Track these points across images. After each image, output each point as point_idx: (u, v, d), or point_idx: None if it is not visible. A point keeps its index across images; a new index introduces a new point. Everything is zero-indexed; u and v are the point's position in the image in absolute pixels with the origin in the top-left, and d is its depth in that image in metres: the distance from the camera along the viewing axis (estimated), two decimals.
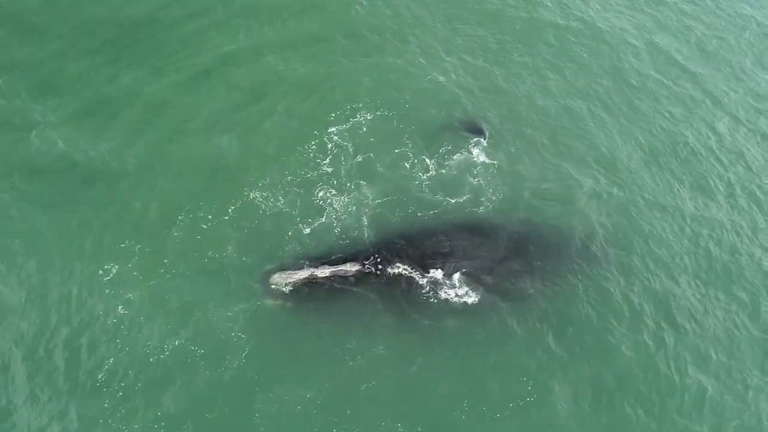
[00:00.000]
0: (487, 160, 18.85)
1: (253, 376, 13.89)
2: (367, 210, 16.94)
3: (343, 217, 16.67)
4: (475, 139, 19.35)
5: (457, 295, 15.62)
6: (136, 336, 14.14)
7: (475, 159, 18.84)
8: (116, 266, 14.99)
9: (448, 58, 21.64)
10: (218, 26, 21.11)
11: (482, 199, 17.82)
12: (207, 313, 14.61)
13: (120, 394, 13.30)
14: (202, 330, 14.37)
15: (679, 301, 16.60)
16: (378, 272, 15.44)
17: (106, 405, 13.04)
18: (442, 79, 20.86)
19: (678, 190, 19.19)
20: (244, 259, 15.48)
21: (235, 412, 13.42)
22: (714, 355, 15.71)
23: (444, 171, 18.31)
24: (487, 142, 19.36)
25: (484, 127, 19.80)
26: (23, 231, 15.48)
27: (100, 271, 14.89)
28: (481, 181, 18.25)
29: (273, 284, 14.82)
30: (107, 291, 14.69)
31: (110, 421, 12.90)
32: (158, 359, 13.83)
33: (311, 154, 17.89)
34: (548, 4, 24.22)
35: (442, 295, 15.58)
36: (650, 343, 15.63)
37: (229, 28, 21.09)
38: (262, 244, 15.86)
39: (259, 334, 14.43)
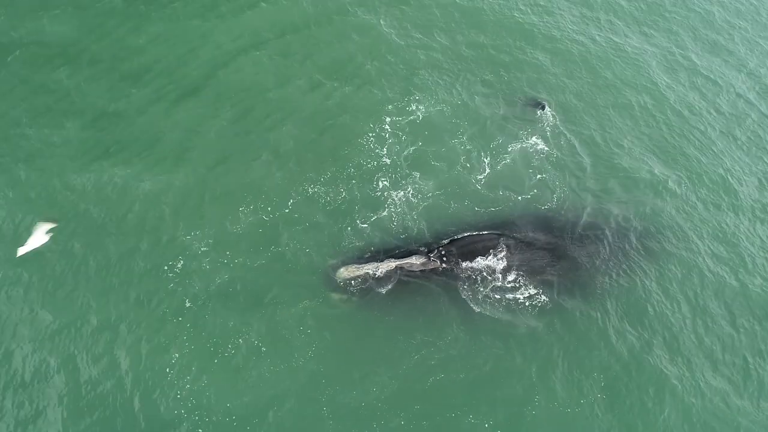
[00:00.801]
0: (545, 148, 18.56)
1: (320, 370, 13.80)
2: (426, 203, 16.70)
3: (403, 210, 16.46)
4: (531, 127, 19.08)
5: (522, 293, 15.33)
6: (201, 333, 14.10)
7: (532, 149, 18.50)
8: (182, 261, 15.05)
9: (490, 60, 21.34)
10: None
11: (543, 193, 17.50)
12: (271, 308, 14.53)
13: (188, 386, 13.31)
14: (268, 325, 14.30)
15: (747, 301, 16.13)
16: (443, 265, 15.22)
17: (177, 396, 13.11)
18: (489, 77, 20.66)
19: (742, 189, 18.63)
20: (307, 251, 15.38)
21: (302, 406, 13.34)
22: None
23: (502, 162, 18.00)
24: (549, 113, 19.45)
25: (544, 100, 19.79)
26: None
27: (165, 267, 14.97)
28: (539, 174, 17.96)
29: (339, 278, 14.71)
30: (171, 286, 14.73)
31: (182, 412, 12.94)
32: (224, 356, 13.79)
33: (371, 145, 17.74)
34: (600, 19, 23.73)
35: (507, 290, 15.30)
36: (716, 346, 15.21)
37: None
38: (324, 237, 15.72)
39: (324, 328, 14.31)
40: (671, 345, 15.12)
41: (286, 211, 16.12)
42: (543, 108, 19.63)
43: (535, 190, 17.56)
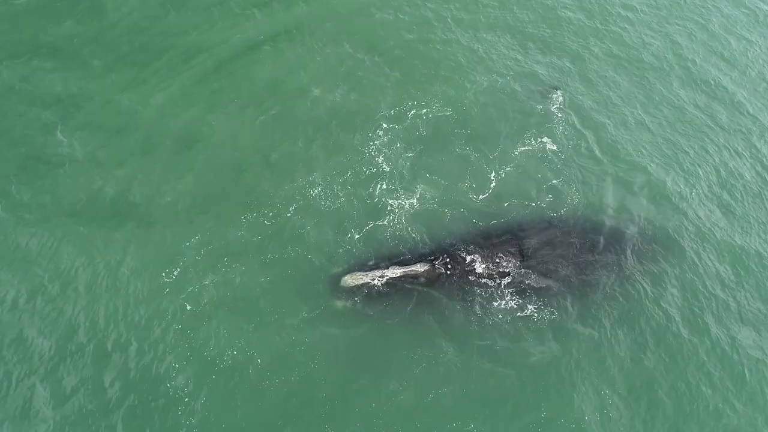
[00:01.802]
0: (555, 148, 18.27)
1: (321, 382, 13.47)
2: (429, 209, 16.35)
3: (405, 216, 16.09)
4: (547, 103, 19.15)
5: (527, 306, 14.99)
6: (200, 343, 13.74)
7: (540, 153, 18.14)
8: (178, 269, 14.66)
9: (500, 58, 20.98)
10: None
11: (552, 199, 17.14)
12: (272, 317, 14.19)
13: (186, 399, 12.96)
14: (267, 333, 13.95)
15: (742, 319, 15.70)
16: (448, 273, 14.88)
17: (179, 413, 12.75)
18: (501, 74, 20.32)
19: (752, 223, 17.90)
20: (309, 257, 15.05)
21: (302, 422, 13.00)
22: None
23: (507, 168, 17.62)
24: (562, 97, 19.45)
25: (558, 83, 19.87)
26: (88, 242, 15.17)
27: (163, 273, 14.58)
28: (548, 178, 17.61)
29: (343, 285, 14.36)
30: (167, 290, 14.37)
31: (180, 430, 12.62)
32: (223, 367, 13.44)
33: (371, 152, 17.40)
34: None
35: (512, 301, 14.97)
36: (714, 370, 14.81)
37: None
38: (325, 244, 15.37)
39: (326, 338, 13.97)
40: (673, 362, 14.75)
41: (288, 215, 15.75)
42: (557, 89, 19.56)
43: (547, 196, 17.17)
